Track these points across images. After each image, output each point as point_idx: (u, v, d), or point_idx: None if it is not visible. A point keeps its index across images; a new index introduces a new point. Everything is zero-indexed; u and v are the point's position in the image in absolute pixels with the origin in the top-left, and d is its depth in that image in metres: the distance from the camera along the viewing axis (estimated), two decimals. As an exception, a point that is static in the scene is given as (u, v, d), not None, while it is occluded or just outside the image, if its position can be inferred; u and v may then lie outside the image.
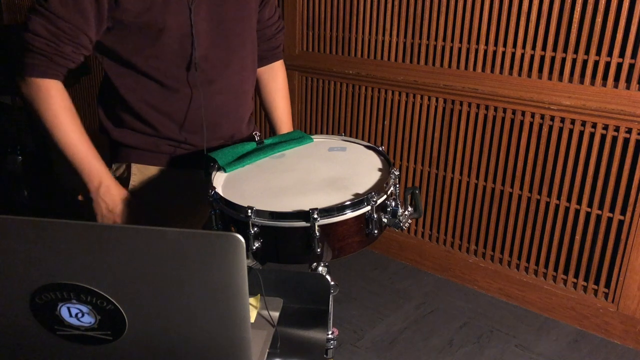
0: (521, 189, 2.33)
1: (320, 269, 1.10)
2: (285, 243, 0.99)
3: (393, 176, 1.06)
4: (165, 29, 1.18)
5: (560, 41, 2.08)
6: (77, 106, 1.21)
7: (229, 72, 1.30)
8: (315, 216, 0.93)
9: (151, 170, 1.32)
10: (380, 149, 1.21)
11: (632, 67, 1.96)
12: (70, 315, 0.72)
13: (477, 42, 2.28)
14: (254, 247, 0.98)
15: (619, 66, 1.98)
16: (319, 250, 0.97)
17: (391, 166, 1.11)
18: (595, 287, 2.24)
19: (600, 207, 2.15)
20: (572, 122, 2.14)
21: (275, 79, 1.51)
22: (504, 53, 2.23)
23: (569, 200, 2.22)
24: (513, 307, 2.42)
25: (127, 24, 1.16)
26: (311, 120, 2.98)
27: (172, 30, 1.19)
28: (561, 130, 2.18)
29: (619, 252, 2.13)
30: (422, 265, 2.73)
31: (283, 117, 1.52)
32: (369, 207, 0.99)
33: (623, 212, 2.10)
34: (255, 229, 0.96)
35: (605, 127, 2.07)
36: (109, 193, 1.21)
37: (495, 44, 2.25)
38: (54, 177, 3.45)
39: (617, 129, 2.04)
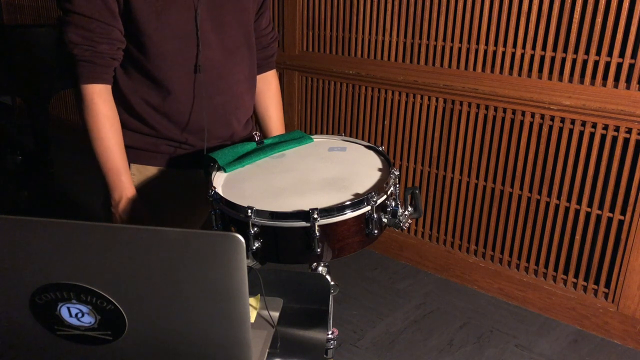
0: (521, 189, 2.33)
1: (320, 269, 1.10)
2: (285, 243, 0.99)
3: (393, 176, 1.06)
4: (169, 25, 1.20)
5: (560, 41, 2.08)
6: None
7: (226, 73, 1.31)
8: (315, 216, 0.93)
9: (150, 171, 1.33)
10: (380, 149, 1.21)
11: (632, 67, 1.96)
12: (70, 315, 0.72)
13: (477, 42, 2.28)
14: (254, 247, 0.97)
15: (619, 66, 1.98)
16: (319, 250, 0.97)
17: (391, 166, 1.11)
18: (595, 287, 2.24)
19: (600, 207, 2.15)
20: (572, 122, 2.14)
21: (270, 88, 1.53)
22: (504, 53, 2.23)
23: (569, 200, 2.22)
24: (513, 307, 2.42)
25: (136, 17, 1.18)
26: (311, 120, 2.98)
27: (176, 28, 1.20)
28: (561, 130, 2.18)
29: (619, 252, 2.12)
30: (422, 265, 2.73)
31: (277, 126, 1.54)
32: (369, 207, 0.99)
33: (623, 212, 2.10)
34: (255, 229, 0.96)
35: (605, 127, 2.07)
36: (126, 209, 1.23)
37: (495, 44, 2.25)
38: (53, 177, 3.45)
39: (617, 129, 2.04)
